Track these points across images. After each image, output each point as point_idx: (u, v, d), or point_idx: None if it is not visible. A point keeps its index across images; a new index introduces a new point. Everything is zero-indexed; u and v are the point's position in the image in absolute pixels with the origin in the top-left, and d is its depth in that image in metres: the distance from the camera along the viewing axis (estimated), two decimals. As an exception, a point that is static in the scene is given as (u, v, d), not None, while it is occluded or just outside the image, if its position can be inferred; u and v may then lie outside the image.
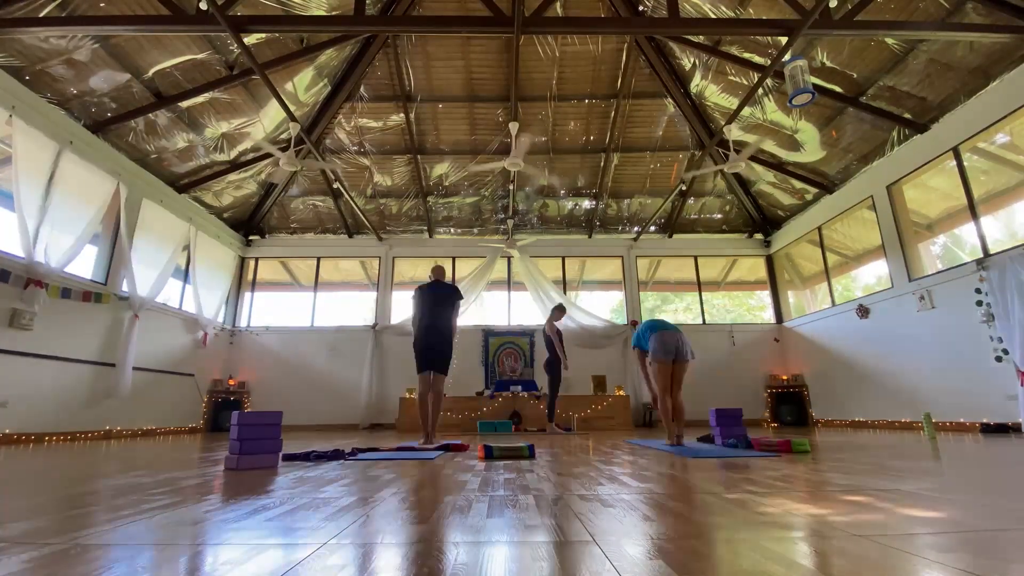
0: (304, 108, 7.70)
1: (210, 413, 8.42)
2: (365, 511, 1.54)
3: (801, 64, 4.91)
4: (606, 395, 8.32)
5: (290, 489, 1.97)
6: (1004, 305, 5.06)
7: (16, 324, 5.19)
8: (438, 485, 2.08)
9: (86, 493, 1.90)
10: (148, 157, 7.00)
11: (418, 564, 1.01)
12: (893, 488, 1.84)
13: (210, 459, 3.29)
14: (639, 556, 1.05)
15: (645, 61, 7.58)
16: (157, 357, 7.29)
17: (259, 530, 1.30)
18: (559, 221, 9.98)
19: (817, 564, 0.98)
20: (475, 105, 8.08)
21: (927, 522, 1.31)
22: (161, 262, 7.25)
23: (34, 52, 5.21)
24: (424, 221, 9.79)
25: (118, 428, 6.47)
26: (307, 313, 9.65)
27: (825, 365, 8.26)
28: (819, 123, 7.14)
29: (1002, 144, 5.72)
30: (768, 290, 10.03)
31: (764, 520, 1.36)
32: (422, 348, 4.66)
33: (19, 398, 5.21)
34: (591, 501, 1.68)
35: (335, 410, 8.86)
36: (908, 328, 6.53)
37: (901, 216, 6.81)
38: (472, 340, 9.42)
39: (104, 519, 1.43)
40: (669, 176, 9.14)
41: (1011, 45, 5.14)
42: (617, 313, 10.51)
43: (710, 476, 2.25)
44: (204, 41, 6.01)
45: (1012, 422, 5.09)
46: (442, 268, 5.02)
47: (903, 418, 6.56)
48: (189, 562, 1.05)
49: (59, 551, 1.10)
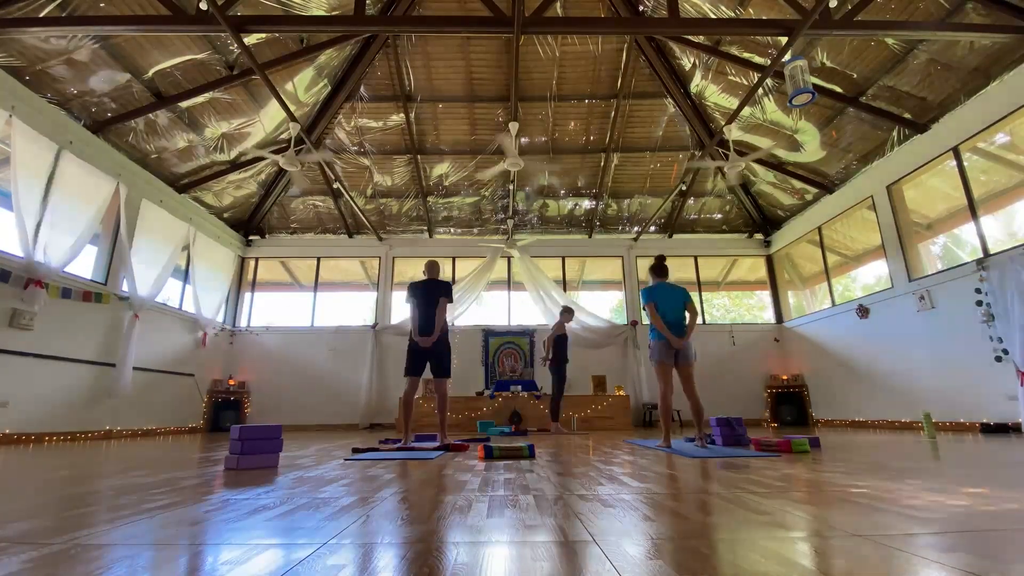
0: (304, 108, 7.70)
1: (210, 413, 8.42)
2: (365, 511, 1.54)
3: (801, 64, 4.91)
4: (606, 395, 8.32)
5: (290, 489, 1.97)
6: (1004, 305, 5.05)
7: (16, 324, 5.19)
8: (438, 485, 2.08)
9: (86, 493, 1.90)
10: (148, 157, 7.00)
11: (418, 564, 1.01)
12: (893, 488, 1.84)
13: (210, 459, 3.29)
14: (639, 556, 1.05)
15: (645, 61, 7.58)
16: (157, 357, 7.29)
17: (259, 530, 1.30)
18: (559, 221, 9.98)
19: (817, 564, 0.98)
20: (475, 105, 8.08)
21: (927, 522, 1.31)
22: (161, 262, 7.24)
23: (34, 52, 5.21)
24: (424, 221, 9.78)
25: (118, 428, 6.47)
26: (307, 313, 9.65)
27: (825, 365, 8.26)
28: (819, 123, 7.14)
29: (1002, 144, 5.72)
30: (768, 290, 10.03)
31: (764, 520, 1.36)
32: (418, 351, 4.41)
33: (19, 398, 5.21)
34: (591, 501, 1.68)
35: (335, 410, 8.86)
36: (908, 328, 6.53)
37: (901, 216, 6.81)
38: (472, 340, 9.42)
39: (104, 519, 1.43)
40: (669, 176, 9.14)
41: (1011, 45, 5.14)
42: (617, 313, 10.51)
43: (710, 476, 2.24)
44: (204, 41, 6.01)
45: (1012, 422, 5.08)
46: (436, 264, 4.75)
47: (903, 418, 6.56)
48: (189, 562, 1.05)
49: (59, 551, 1.10)
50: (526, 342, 9.47)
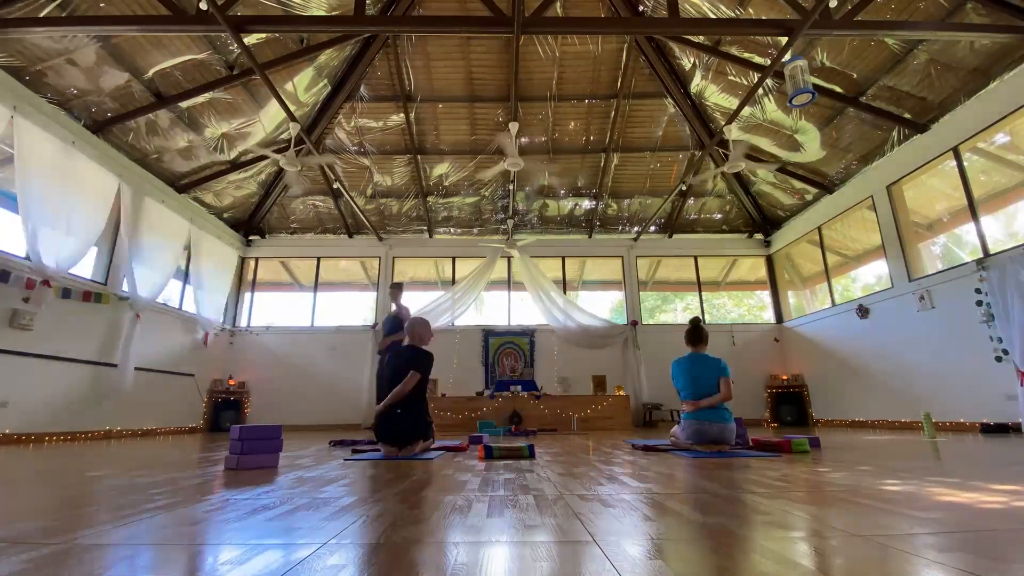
0: (304, 108, 7.70)
1: (210, 413, 8.42)
2: (365, 511, 1.54)
3: (801, 64, 4.90)
4: (606, 395, 8.31)
5: (290, 489, 1.97)
6: (1004, 305, 5.05)
7: (16, 324, 5.19)
8: (438, 485, 2.08)
9: (86, 493, 1.90)
10: (148, 157, 7.00)
11: (418, 564, 1.01)
12: (893, 488, 1.84)
13: (210, 459, 3.29)
14: (639, 556, 1.05)
15: (645, 61, 7.58)
16: (157, 357, 7.29)
17: (259, 530, 1.30)
18: (559, 221, 9.98)
19: (817, 564, 0.98)
20: (475, 105, 8.08)
21: (927, 522, 1.31)
22: (162, 262, 7.24)
23: (34, 52, 5.21)
24: (424, 221, 9.78)
25: (118, 428, 6.47)
26: (307, 313, 9.65)
27: (825, 365, 8.26)
28: (819, 123, 7.13)
29: (1002, 144, 5.72)
30: (768, 290, 10.03)
31: (764, 520, 1.35)
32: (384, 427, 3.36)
33: (19, 398, 5.21)
34: (591, 501, 1.68)
35: (335, 410, 8.86)
36: (908, 328, 6.53)
37: (901, 216, 6.81)
38: (472, 340, 9.42)
39: (104, 519, 1.43)
40: (669, 176, 9.14)
41: (1011, 45, 5.13)
42: (617, 313, 10.51)
43: (710, 476, 2.24)
44: (204, 41, 6.01)
45: (1012, 422, 5.08)
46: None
47: (903, 418, 6.56)
48: (189, 562, 1.05)
49: (59, 551, 1.10)
50: (526, 342, 9.48)
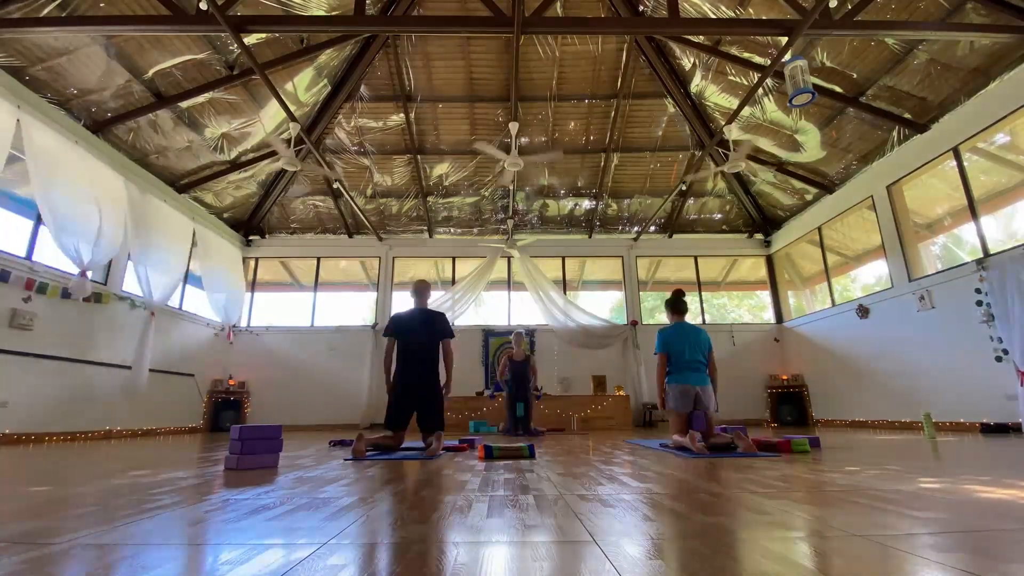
0: (304, 108, 7.70)
1: (210, 413, 8.42)
2: (365, 511, 1.54)
3: (801, 64, 4.90)
4: (606, 395, 8.32)
5: (290, 489, 1.97)
6: (1004, 305, 5.05)
7: (16, 324, 5.19)
8: (438, 485, 2.08)
9: (86, 493, 1.90)
10: (148, 157, 6.99)
11: (418, 564, 1.01)
12: (893, 488, 1.84)
13: (210, 459, 3.29)
14: (639, 556, 1.05)
15: (645, 61, 7.58)
16: (157, 357, 7.27)
17: (259, 530, 1.30)
18: (559, 221, 9.97)
19: (817, 564, 0.98)
20: (475, 105, 8.08)
21: (927, 522, 1.31)
22: (171, 263, 7.22)
23: (34, 52, 5.21)
24: (424, 221, 9.78)
25: (118, 428, 6.47)
26: (307, 313, 9.65)
27: (825, 365, 8.26)
28: (819, 123, 7.13)
29: (1002, 144, 5.72)
30: (768, 290, 10.03)
31: (764, 520, 1.36)
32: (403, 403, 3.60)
33: (19, 398, 5.21)
34: (591, 501, 1.68)
35: (335, 410, 8.86)
36: (908, 328, 6.53)
37: (901, 216, 6.80)
38: (472, 340, 9.42)
39: (104, 519, 1.43)
40: (669, 176, 9.14)
41: (1011, 45, 5.13)
42: (617, 313, 10.51)
43: (710, 476, 2.24)
44: (204, 41, 6.00)
45: (1012, 422, 5.08)
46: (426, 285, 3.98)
47: (903, 418, 6.56)
48: (189, 562, 1.05)
49: (59, 551, 1.10)
50: (526, 342, 9.45)
